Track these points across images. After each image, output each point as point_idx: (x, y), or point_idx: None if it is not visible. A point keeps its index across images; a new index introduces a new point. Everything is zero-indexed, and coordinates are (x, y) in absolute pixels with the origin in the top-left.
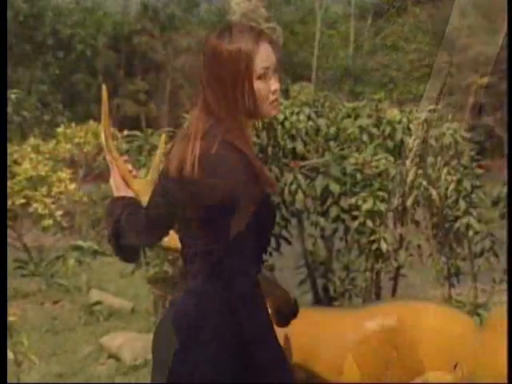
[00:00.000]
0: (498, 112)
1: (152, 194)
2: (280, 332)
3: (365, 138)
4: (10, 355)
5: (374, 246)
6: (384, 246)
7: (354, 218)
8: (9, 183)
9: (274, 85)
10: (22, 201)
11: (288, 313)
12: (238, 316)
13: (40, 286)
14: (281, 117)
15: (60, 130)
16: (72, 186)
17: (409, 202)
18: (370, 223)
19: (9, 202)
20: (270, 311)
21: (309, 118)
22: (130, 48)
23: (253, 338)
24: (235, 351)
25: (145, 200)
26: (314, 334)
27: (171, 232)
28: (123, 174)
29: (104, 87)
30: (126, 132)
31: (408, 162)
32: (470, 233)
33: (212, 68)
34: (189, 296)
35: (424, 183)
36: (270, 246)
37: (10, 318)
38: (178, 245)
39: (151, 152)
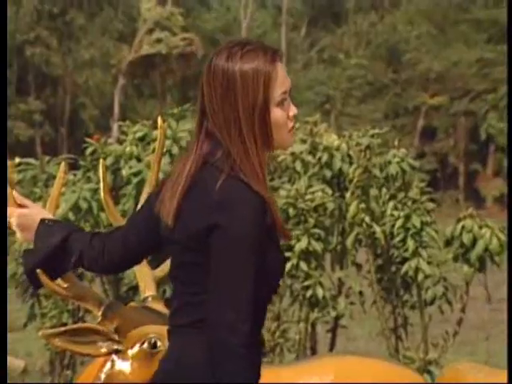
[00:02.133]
0: (451, 137)
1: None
2: None
3: (298, 166)
4: None
5: (309, 293)
6: (320, 293)
7: (286, 259)
8: None
9: (293, 110)
10: None
11: None
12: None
13: None
14: None
15: None
16: None
17: (349, 242)
18: (304, 266)
19: None
20: None
21: None
22: (21, 61)
23: None
24: None
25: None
26: None
27: (70, 277)
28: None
29: None
30: (17, 159)
31: (348, 195)
32: (420, 277)
33: (222, 94)
34: (176, 354)
35: (367, 219)
36: None
37: None
38: (78, 292)
39: (48, 183)
